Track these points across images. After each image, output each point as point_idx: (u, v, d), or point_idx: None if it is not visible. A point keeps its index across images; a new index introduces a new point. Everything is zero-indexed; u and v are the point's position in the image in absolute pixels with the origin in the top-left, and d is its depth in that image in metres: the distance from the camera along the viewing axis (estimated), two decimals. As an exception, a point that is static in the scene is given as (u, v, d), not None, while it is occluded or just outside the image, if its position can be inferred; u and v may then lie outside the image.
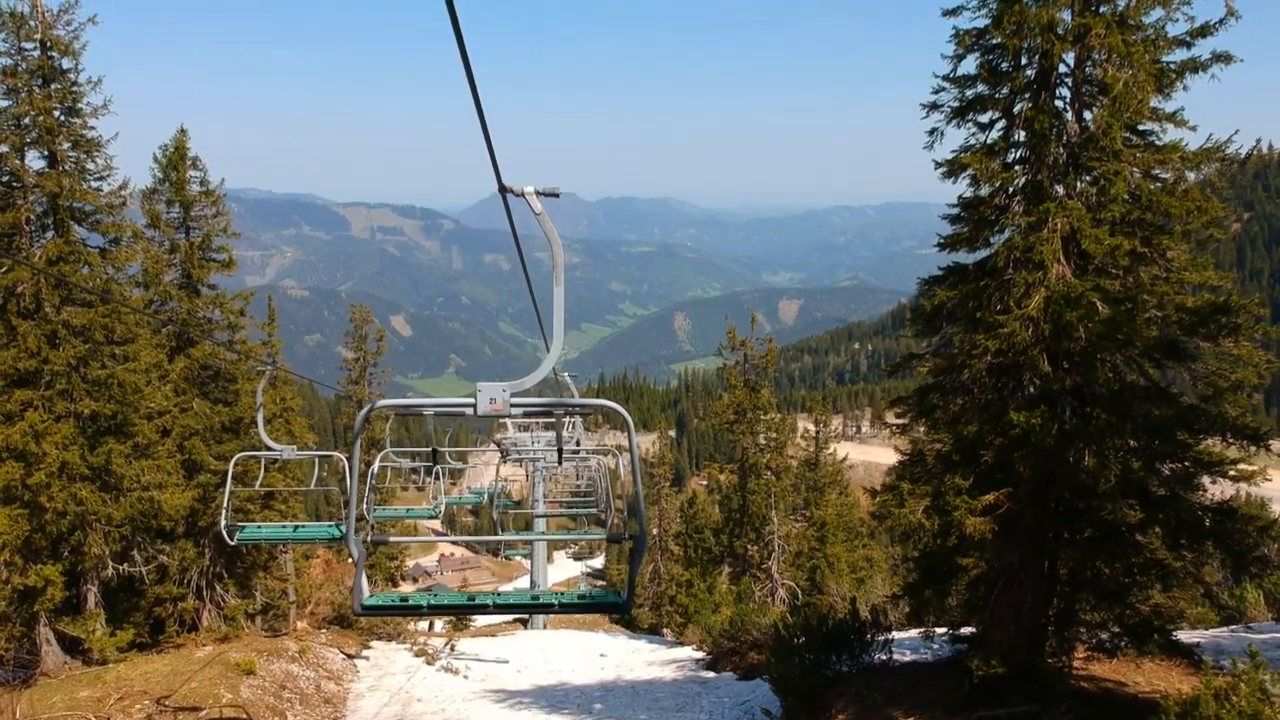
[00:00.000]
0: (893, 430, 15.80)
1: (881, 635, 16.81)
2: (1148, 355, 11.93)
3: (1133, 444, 12.04)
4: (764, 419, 35.75)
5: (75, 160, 19.06)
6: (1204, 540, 11.66)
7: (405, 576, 58.85)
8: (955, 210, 13.80)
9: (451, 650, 27.15)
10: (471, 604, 6.62)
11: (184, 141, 22.68)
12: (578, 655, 28.04)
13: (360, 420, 5.92)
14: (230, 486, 13.91)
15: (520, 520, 46.90)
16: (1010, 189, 13.05)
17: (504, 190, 5.57)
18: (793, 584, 35.17)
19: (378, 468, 15.88)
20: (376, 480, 16.68)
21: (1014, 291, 12.26)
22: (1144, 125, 12.41)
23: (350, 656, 24.22)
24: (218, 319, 23.24)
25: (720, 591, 35.14)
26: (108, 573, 19.75)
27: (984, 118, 13.31)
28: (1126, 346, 11.70)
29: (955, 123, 13.44)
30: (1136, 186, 12.15)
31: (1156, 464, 12.05)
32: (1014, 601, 13.14)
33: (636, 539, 6.03)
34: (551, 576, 74.26)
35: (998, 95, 13.06)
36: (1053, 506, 12.78)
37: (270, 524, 15.81)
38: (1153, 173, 12.39)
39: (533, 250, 12.37)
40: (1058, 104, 12.85)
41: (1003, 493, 12.46)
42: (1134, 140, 12.39)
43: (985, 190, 13.18)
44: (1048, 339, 12.27)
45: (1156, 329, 11.85)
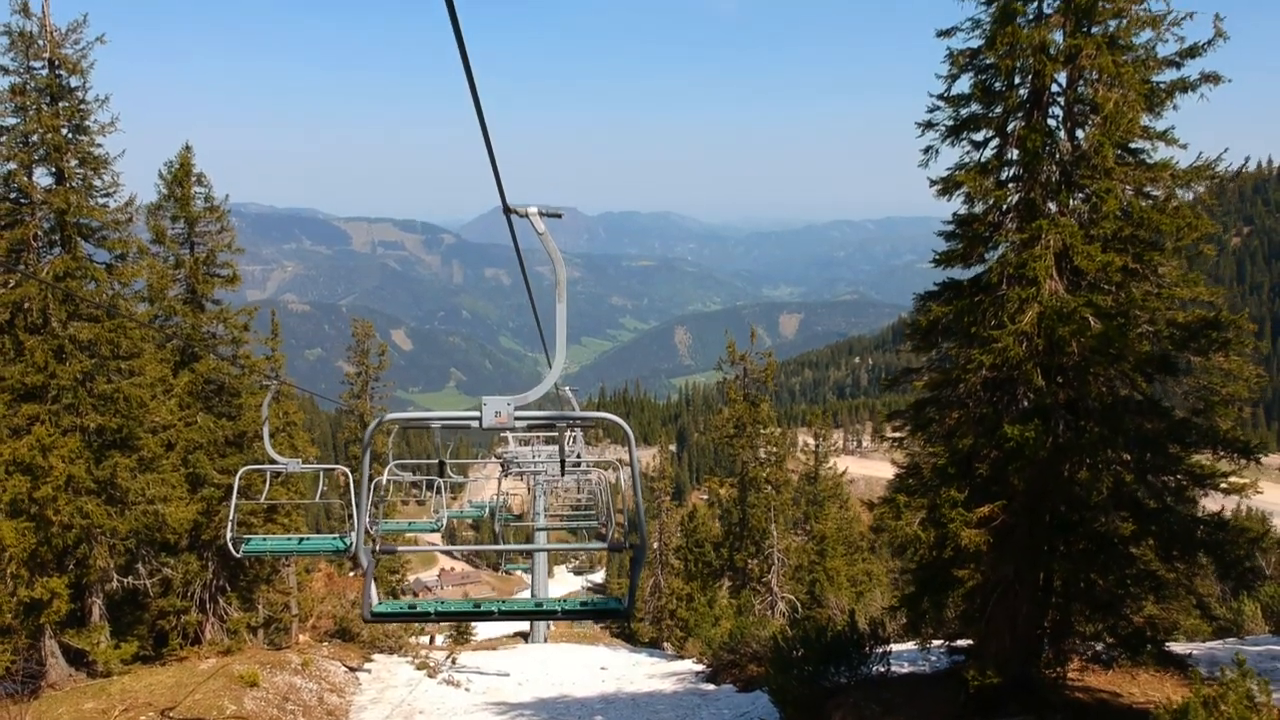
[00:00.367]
0: (892, 444, 15.98)
1: (880, 647, 16.93)
2: (1140, 369, 12.10)
3: (1125, 457, 12.22)
4: (764, 433, 35.92)
5: (82, 177, 19.32)
6: (1195, 552, 11.82)
7: (405, 591, 58.85)
8: (950, 227, 14.01)
9: (453, 663, 27.25)
10: (477, 611, 6.80)
11: (189, 158, 22.94)
12: (578, 668, 28.14)
13: (370, 432, 6.12)
14: (235, 499, 14.07)
15: (521, 534, 46.96)
16: (1004, 206, 13.26)
17: (509, 211, 5.76)
18: (793, 597, 35.27)
19: (385, 480, 16.03)
20: (379, 494, 16.83)
21: (1008, 307, 12.44)
22: (1135, 143, 12.61)
23: (352, 669, 24.33)
24: (221, 334, 23.45)
25: (720, 605, 35.24)
26: (112, 585, 19.93)
27: (978, 136, 13.53)
28: (1119, 361, 11.89)
29: (950, 141, 13.66)
30: (1128, 204, 12.35)
31: (1149, 477, 12.21)
32: (1009, 612, 13.29)
33: (637, 549, 6.19)
34: (552, 591, 74.26)
35: (991, 114, 13.28)
36: (1047, 519, 12.94)
37: (275, 536, 15.96)
38: (1144, 190, 12.58)
39: (534, 264, 12.55)
40: (1050, 123, 13.07)
41: (997, 505, 12.62)
42: (1125, 158, 12.59)
43: (979, 207, 13.39)
44: (1041, 354, 12.45)
45: (1148, 344, 12.05)
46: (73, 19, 19.08)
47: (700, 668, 27.16)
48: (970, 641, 15.07)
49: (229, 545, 14.07)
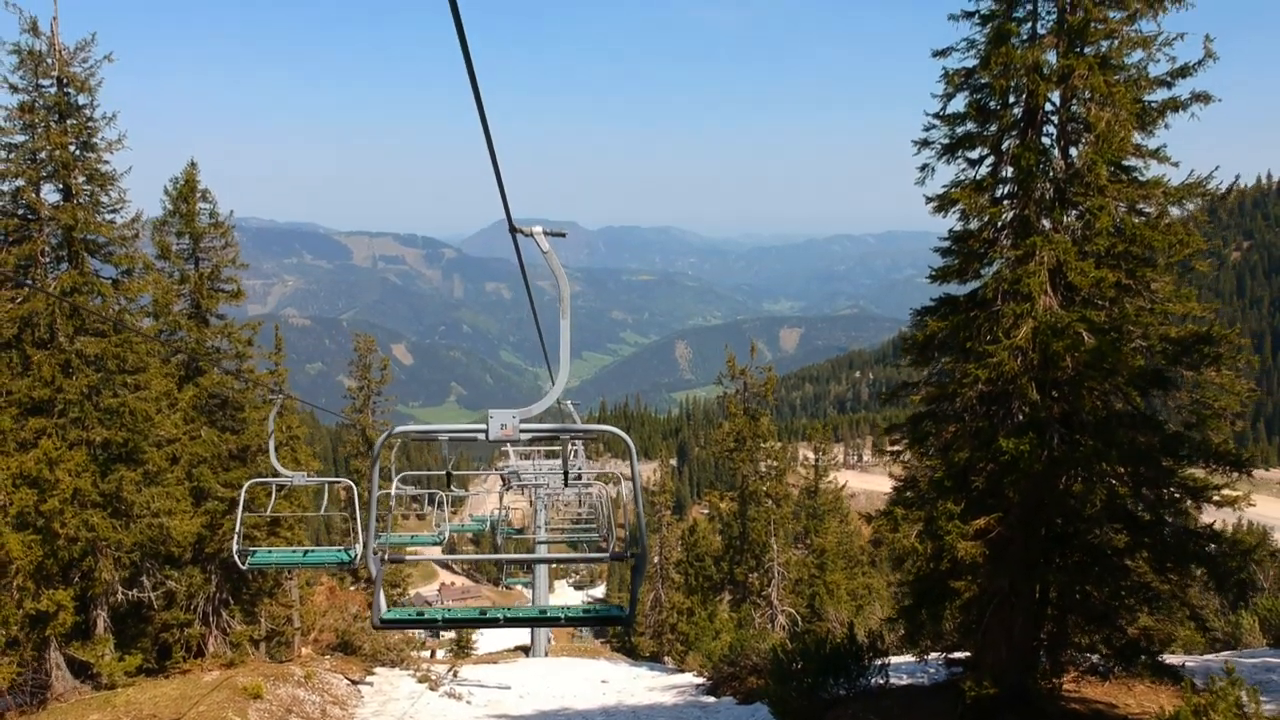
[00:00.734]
0: (891, 457, 16.16)
1: (878, 659, 17.07)
2: (1133, 384, 12.29)
3: (1119, 470, 12.39)
4: (764, 446, 36.07)
5: (90, 193, 19.54)
6: (1189, 563, 12.00)
7: (406, 605, 58.77)
8: (946, 243, 14.24)
9: (454, 677, 27.36)
10: (484, 618, 6.98)
11: (194, 174, 23.13)
12: (579, 681, 28.23)
13: (380, 444, 6.29)
14: (241, 512, 14.24)
15: (523, 547, 47.04)
16: (999, 223, 13.47)
17: (514, 230, 5.95)
18: (793, 611, 35.35)
19: (394, 492, 16.21)
20: (383, 506, 17.02)
21: (1003, 322, 12.65)
22: (1128, 161, 12.84)
23: (354, 682, 24.44)
24: (226, 348, 23.61)
25: (721, 619, 35.35)
26: (117, 598, 20.05)
27: (973, 154, 13.77)
28: (1112, 375, 12.07)
29: (946, 159, 13.90)
30: (1121, 221, 12.57)
31: (1142, 489, 12.39)
32: (1005, 624, 13.45)
33: (638, 557, 6.34)
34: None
35: (986, 132, 13.52)
36: (1042, 531, 13.12)
37: (280, 549, 16.14)
38: (1136, 207, 12.81)
39: (535, 279, 12.73)
40: (1044, 141, 13.31)
41: (993, 517, 12.80)
42: (1118, 176, 12.80)
43: (974, 224, 13.62)
44: (1036, 368, 12.64)
45: (1141, 358, 12.25)
46: (81, 37, 19.32)
47: (701, 680, 27.25)
48: (968, 653, 15.21)
49: (235, 557, 14.24)
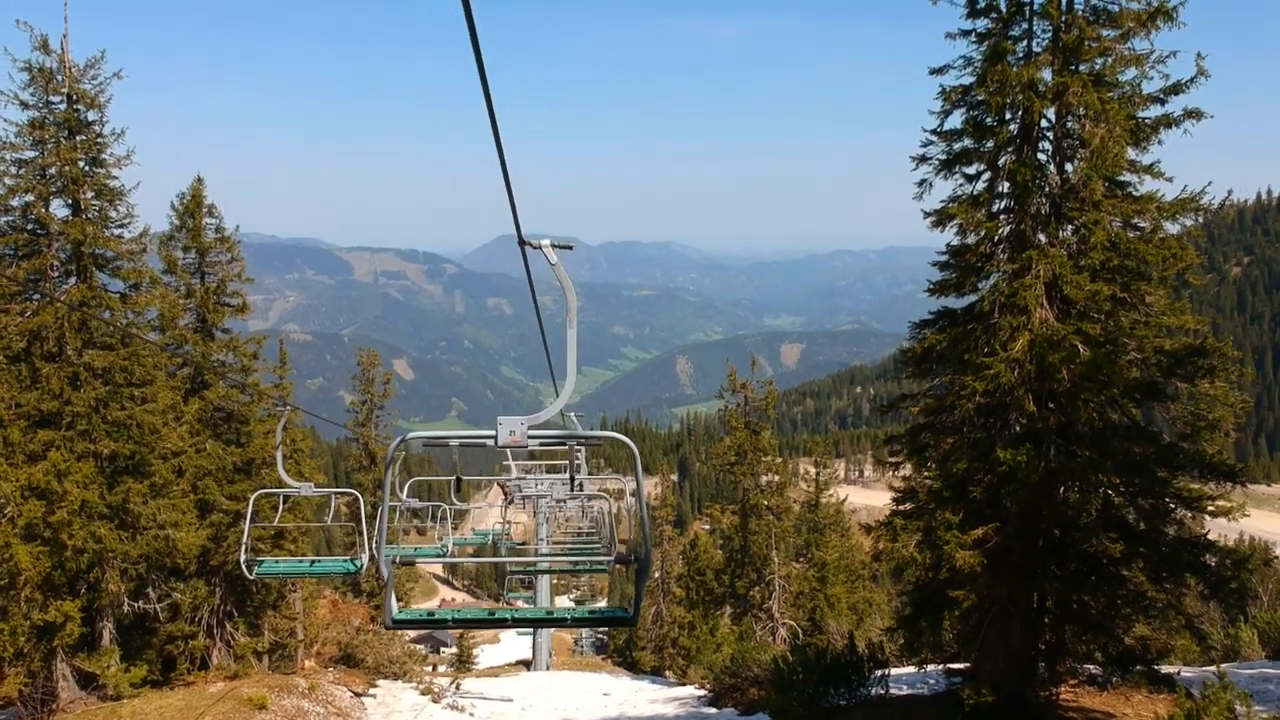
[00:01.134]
0: (890, 470, 16.33)
1: (878, 670, 17.19)
2: (1128, 395, 12.49)
3: (1115, 480, 12.57)
4: (765, 460, 36.15)
5: (98, 209, 19.77)
6: (1183, 572, 12.16)
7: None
8: (944, 257, 14.44)
9: (457, 689, 27.44)
10: (492, 618, 7.15)
11: (200, 190, 23.36)
12: (581, 694, 28.30)
13: (393, 449, 6.48)
14: (249, 523, 14.37)
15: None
16: (995, 237, 13.69)
17: (523, 244, 6.14)
18: (794, 624, 35.39)
19: (402, 503, 16.39)
20: (392, 515, 17.17)
21: (1000, 335, 12.85)
22: (1122, 177, 13.07)
23: (358, 694, 24.54)
24: (231, 362, 23.79)
25: (722, 632, 35.38)
26: (123, 610, 20.19)
27: (970, 170, 14.00)
28: (1108, 387, 12.27)
29: (943, 174, 14.12)
30: (1116, 235, 12.78)
31: (1137, 499, 12.58)
32: (1003, 632, 13.60)
33: (641, 561, 6.49)
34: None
35: (983, 149, 13.75)
36: (1039, 541, 13.28)
37: (287, 559, 16.26)
38: (1131, 222, 13.04)
39: (538, 293, 12.90)
40: (1040, 157, 13.54)
41: (991, 527, 12.96)
42: (1113, 191, 13.03)
43: (971, 239, 13.84)
44: (1032, 380, 12.83)
45: (1136, 370, 12.46)
46: (91, 55, 19.56)
47: (702, 692, 27.32)
48: (967, 664, 15.35)
49: (243, 568, 14.36)
